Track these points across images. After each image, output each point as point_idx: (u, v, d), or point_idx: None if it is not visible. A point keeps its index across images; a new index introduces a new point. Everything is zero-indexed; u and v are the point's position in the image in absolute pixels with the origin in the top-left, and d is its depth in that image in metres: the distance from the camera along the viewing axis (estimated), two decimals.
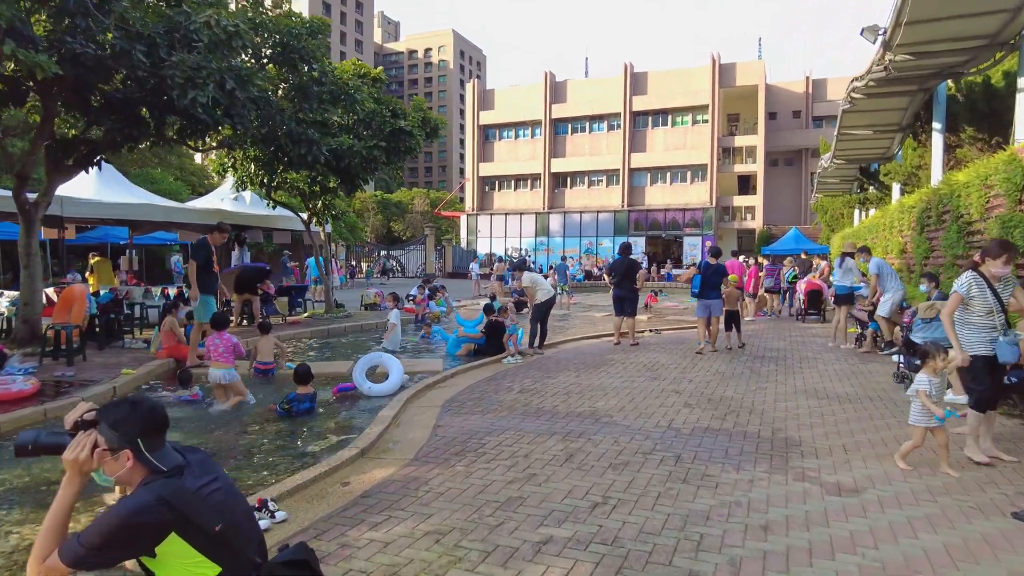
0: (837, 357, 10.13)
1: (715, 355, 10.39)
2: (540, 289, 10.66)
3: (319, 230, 15.41)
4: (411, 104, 14.63)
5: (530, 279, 10.60)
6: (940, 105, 13.96)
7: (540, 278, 10.77)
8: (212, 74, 7.12)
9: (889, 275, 10.25)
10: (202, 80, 6.99)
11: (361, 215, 61.26)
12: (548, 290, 10.80)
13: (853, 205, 27.44)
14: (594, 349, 11.14)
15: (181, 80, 6.95)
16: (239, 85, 7.84)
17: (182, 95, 7.05)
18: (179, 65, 6.90)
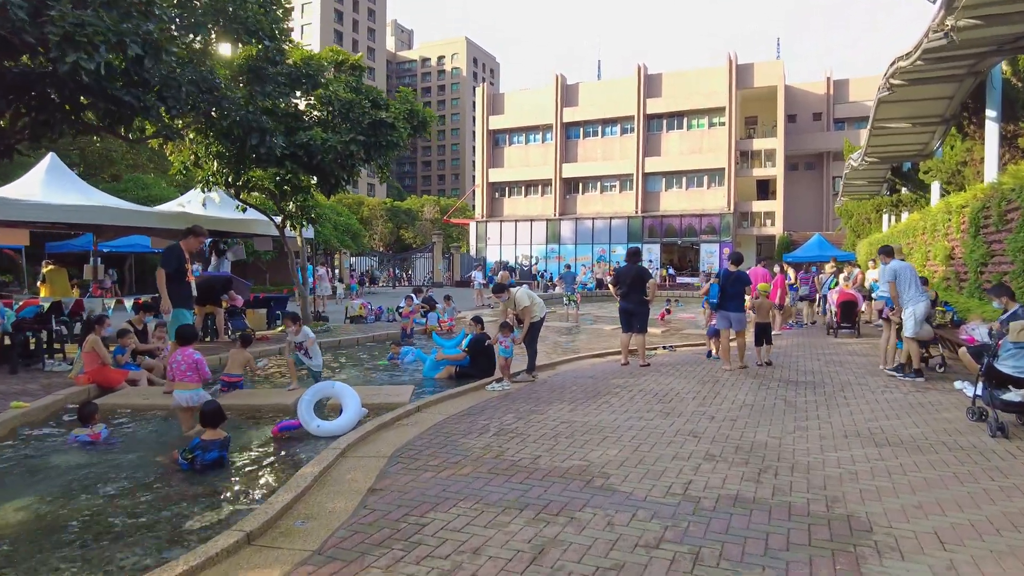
0: (886, 383, 8.48)
1: (740, 379, 8.79)
2: (536, 305, 9.14)
3: (295, 235, 14.02)
4: (396, 95, 13.19)
5: (526, 296, 9.06)
6: (995, 90, 12.31)
7: (533, 294, 9.23)
8: (102, 33, 5.71)
9: (910, 282, 8.62)
10: (86, 39, 5.59)
11: (369, 222, 60.16)
12: (543, 307, 9.28)
13: (882, 209, 25.67)
14: (597, 371, 9.58)
15: (57, 37, 5.54)
16: (150, 53, 6.42)
17: (60, 58, 5.64)
18: (56, 20, 5.50)
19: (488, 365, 9.17)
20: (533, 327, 9.01)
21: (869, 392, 7.89)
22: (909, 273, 8.70)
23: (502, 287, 9.08)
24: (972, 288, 11.39)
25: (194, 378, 6.52)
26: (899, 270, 8.86)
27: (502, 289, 9.02)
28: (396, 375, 9.73)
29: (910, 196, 20.44)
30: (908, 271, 8.77)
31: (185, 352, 6.61)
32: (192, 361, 6.54)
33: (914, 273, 8.78)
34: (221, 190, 13.03)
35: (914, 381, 8.73)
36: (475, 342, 9.25)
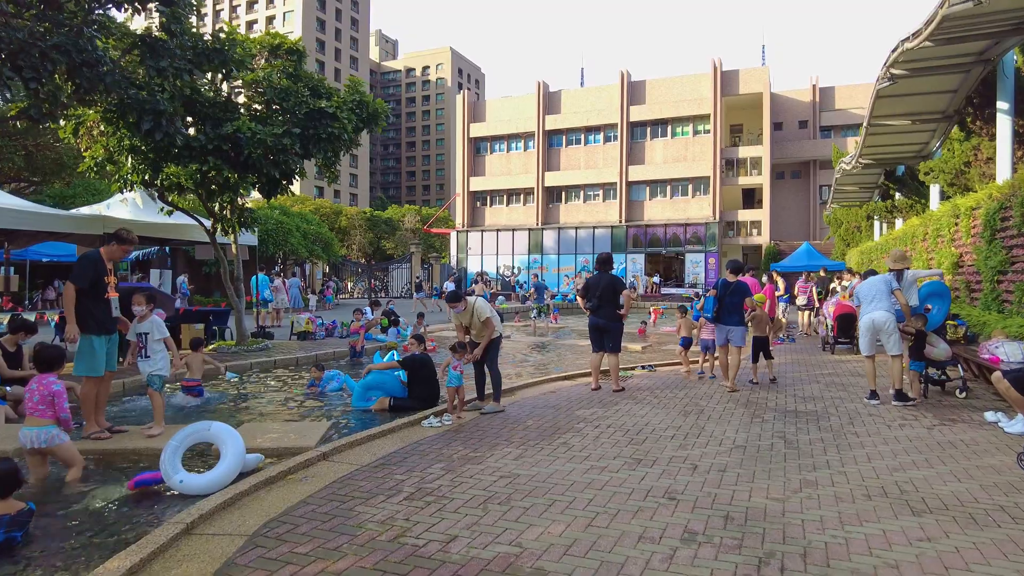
0: (902, 414, 7.11)
1: (729, 409, 7.39)
2: (497, 319, 7.72)
3: (231, 242, 12.51)
4: (344, 85, 11.76)
5: (487, 307, 7.63)
6: (1007, 79, 11.10)
7: (490, 306, 7.81)
8: None
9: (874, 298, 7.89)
10: None
11: (347, 232, 58.57)
12: (501, 323, 7.87)
13: (873, 216, 24.52)
14: (563, 399, 8.15)
15: None
16: None
17: None
18: None
19: (429, 394, 7.71)
20: (494, 344, 7.59)
21: (884, 426, 6.51)
22: (871, 291, 7.99)
23: (457, 296, 7.62)
24: (988, 299, 10.11)
25: (46, 413, 5.06)
26: (862, 290, 8.12)
27: (457, 298, 7.56)
28: (327, 406, 8.21)
29: (905, 202, 19.29)
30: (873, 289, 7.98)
31: (43, 380, 5.15)
32: (48, 392, 5.08)
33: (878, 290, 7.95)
34: (142, 190, 11.51)
35: (907, 406, 7.51)
36: (410, 364, 7.78)
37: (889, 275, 7.87)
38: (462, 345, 7.27)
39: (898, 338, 7.64)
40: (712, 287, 9.32)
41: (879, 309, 7.76)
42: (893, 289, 7.69)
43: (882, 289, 7.79)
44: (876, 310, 7.78)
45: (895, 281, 7.73)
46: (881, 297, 7.77)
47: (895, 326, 7.66)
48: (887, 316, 7.72)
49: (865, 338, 8.00)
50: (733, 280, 8.94)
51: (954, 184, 13.86)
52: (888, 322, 7.70)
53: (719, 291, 8.89)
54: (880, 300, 7.78)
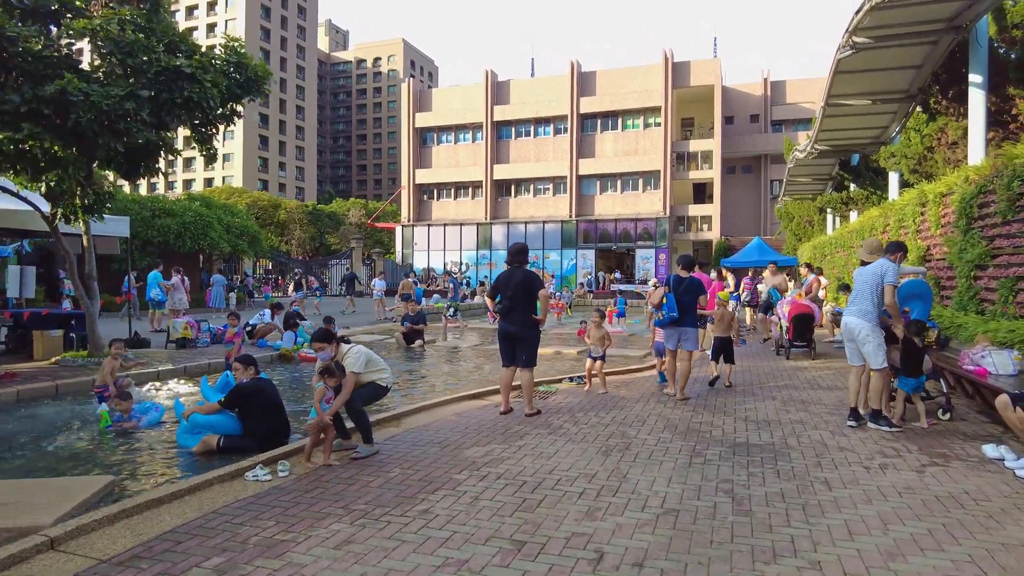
0: (880, 447, 5.59)
1: (663, 442, 5.77)
2: (378, 371, 5.81)
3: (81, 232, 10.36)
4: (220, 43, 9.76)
5: (363, 360, 5.61)
6: (980, 49, 9.82)
7: (375, 357, 5.85)
8: None
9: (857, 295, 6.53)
10: None
11: (286, 226, 55.75)
12: (389, 373, 5.95)
13: (826, 208, 23.51)
14: (458, 430, 6.41)
15: None
16: None
17: None
18: None
19: (269, 430, 5.86)
20: (366, 390, 5.68)
21: (862, 469, 4.96)
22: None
23: (328, 335, 5.71)
24: (963, 298, 8.77)
25: None
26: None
27: (327, 338, 5.65)
28: (135, 447, 6.23)
29: (861, 193, 18.22)
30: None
31: None
32: None
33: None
34: None
35: (884, 432, 6.10)
36: (235, 398, 5.92)
37: (885, 264, 6.22)
38: (330, 371, 5.44)
39: (875, 347, 6.15)
40: (664, 283, 8.19)
41: (852, 311, 6.28)
42: (885, 284, 6.10)
43: (868, 283, 6.25)
44: (850, 312, 6.30)
45: (891, 274, 6.10)
46: (863, 295, 6.26)
47: (870, 333, 6.18)
48: (859, 323, 6.23)
49: (847, 345, 6.56)
50: (686, 276, 7.95)
51: (916, 171, 12.64)
52: (861, 329, 6.22)
53: (672, 288, 7.86)
54: (861, 298, 6.28)
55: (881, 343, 6.17)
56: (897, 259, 6.29)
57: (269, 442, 5.71)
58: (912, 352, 6.06)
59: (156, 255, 26.65)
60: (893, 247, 6.41)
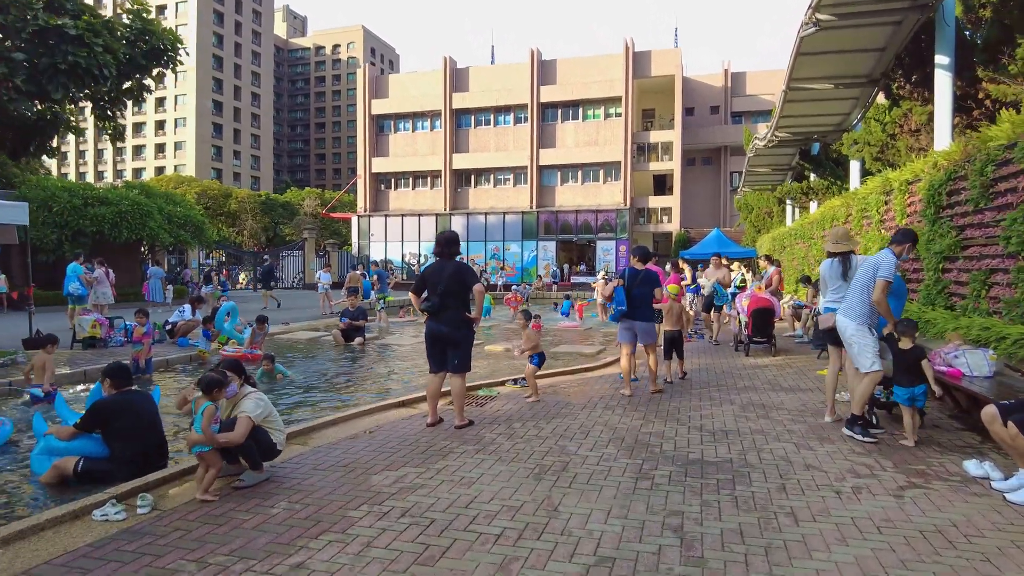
0: (851, 463, 4.92)
1: (608, 456, 4.99)
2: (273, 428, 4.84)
3: None
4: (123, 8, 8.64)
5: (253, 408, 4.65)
6: (947, 28, 9.30)
7: (276, 414, 4.85)
8: None
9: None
10: None
11: (238, 217, 53.76)
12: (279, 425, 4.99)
13: (785, 199, 23.20)
14: (371, 447, 5.54)
15: None
16: None
17: None
18: None
19: (136, 453, 4.90)
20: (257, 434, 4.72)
21: (832, 494, 4.26)
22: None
23: (238, 368, 4.80)
24: (931, 292, 8.24)
25: None
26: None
27: (237, 370, 4.72)
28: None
29: (821, 183, 17.84)
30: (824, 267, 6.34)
31: None
32: None
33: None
34: None
35: (856, 440, 5.53)
36: (96, 415, 4.96)
37: (886, 256, 5.51)
38: (217, 382, 4.51)
39: (860, 348, 5.50)
40: (619, 276, 7.73)
41: (840, 308, 5.68)
42: (878, 277, 5.38)
43: (861, 277, 5.59)
44: (840, 311, 5.68)
45: (886, 267, 5.36)
46: (854, 290, 5.62)
47: (855, 333, 5.53)
48: (844, 322, 5.62)
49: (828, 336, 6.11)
50: (642, 268, 7.60)
51: (879, 159, 12.16)
52: (846, 328, 5.61)
53: (627, 281, 7.53)
54: (851, 294, 5.65)
55: (868, 343, 5.50)
56: (903, 251, 5.54)
57: (140, 468, 4.76)
58: (902, 357, 5.39)
59: (89, 246, 25.01)
60: (900, 237, 5.60)
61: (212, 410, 4.46)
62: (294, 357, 11.37)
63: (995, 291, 6.65)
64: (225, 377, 4.66)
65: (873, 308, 5.49)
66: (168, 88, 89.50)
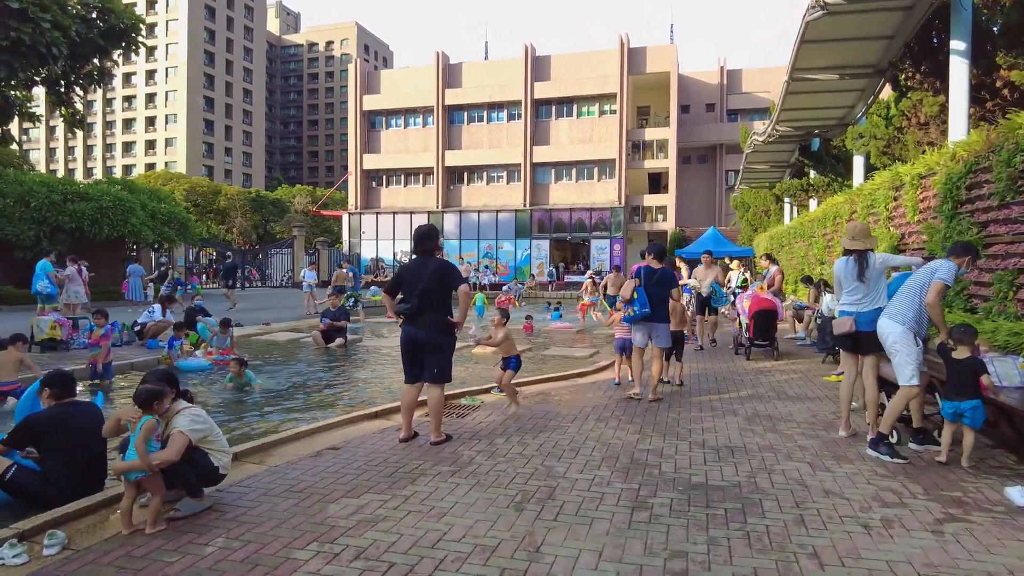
0: (877, 488, 4.33)
1: (601, 480, 4.40)
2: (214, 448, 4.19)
3: None
4: None
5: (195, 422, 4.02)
6: (964, 12, 8.73)
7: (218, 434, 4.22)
8: None
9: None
10: None
11: (227, 214, 52.95)
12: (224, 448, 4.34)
13: (783, 197, 22.64)
14: (335, 468, 4.93)
15: None
16: None
17: None
18: None
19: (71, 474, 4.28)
20: (195, 457, 4.09)
21: (860, 528, 3.67)
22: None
23: (170, 378, 4.19)
24: (949, 294, 7.65)
25: None
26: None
27: (151, 398, 4.08)
28: None
29: (821, 180, 17.31)
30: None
31: None
32: None
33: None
34: None
35: (884, 460, 4.94)
36: (23, 431, 4.34)
37: (946, 263, 5.01)
38: (171, 379, 3.93)
39: (904, 358, 4.94)
40: (635, 276, 7.36)
41: (887, 313, 5.11)
42: (935, 279, 4.90)
43: (916, 282, 5.07)
44: (884, 314, 5.14)
45: (944, 271, 4.90)
46: (905, 294, 5.09)
47: (899, 339, 4.97)
48: (889, 326, 5.05)
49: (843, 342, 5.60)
50: (658, 268, 7.32)
51: (885, 153, 11.61)
52: (890, 333, 5.05)
53: (643, 280, 7.20)
54: (901, 298, 5.10)
55: (913, 353, 4.93)
56: (963, 264, 5.07)
57: (76, 492, 4.14)
58: (955, 367, 4.82)
59: (68, 243, 24.28)
60: (960, 250, 5.11)
61: (153, 424, 3.85)
62: (269, 360, 10.73)
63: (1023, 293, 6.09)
64: (164, 388, 4.05)
65: (922, 316, 4.95)
66: (159, 84, 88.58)
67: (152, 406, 3.89)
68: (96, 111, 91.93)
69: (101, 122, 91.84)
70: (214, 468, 4.10)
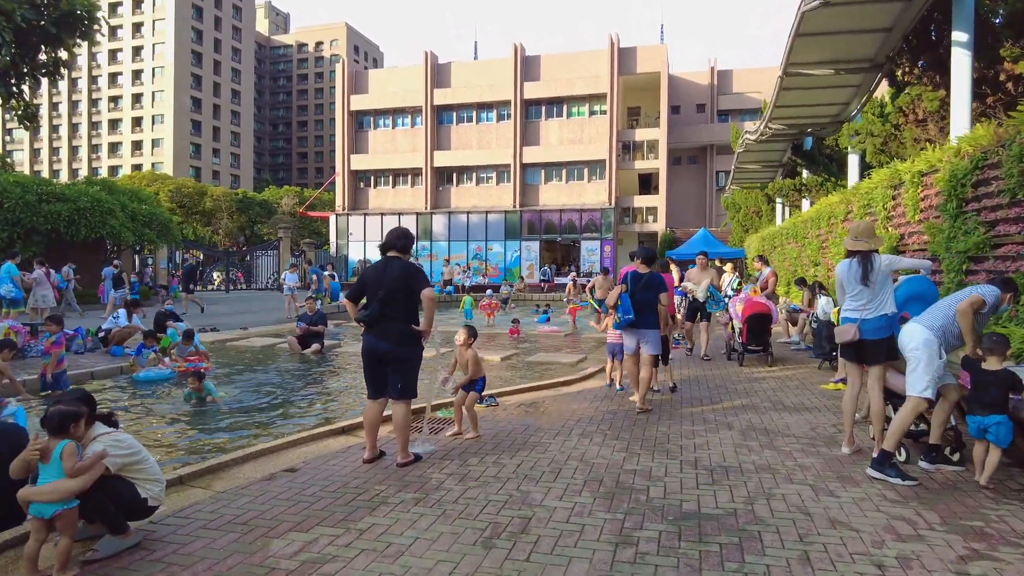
0: (887, 515, 3.89)
1: (582, 508, 3.93)
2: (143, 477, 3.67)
3: None
4: None
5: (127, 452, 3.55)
6: (966, 2, 8.30)
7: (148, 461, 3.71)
8: None
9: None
10: None
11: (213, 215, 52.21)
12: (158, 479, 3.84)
13: (775, 197, 22.30)
14: (291, 489, 4.45)
15: None
16: None
17: None
18: None
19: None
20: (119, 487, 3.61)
21: (871, 567, 3.23)
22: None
23: (90, 399, 3.71)
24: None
25: None
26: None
27: (87, 401, 3.61)
28: None
29: (814, 180, 16.94)
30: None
31: None
32: None
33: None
34: None
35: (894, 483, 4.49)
36: None
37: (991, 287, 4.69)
38: (88, 400, 3.46)
39: (925, 366, 4.51)
40: (622, 281, 7.18)
41: (916, 319, 4.74)
42: (973, 294, 4.61)
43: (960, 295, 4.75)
44: (916, 320, 4.76)
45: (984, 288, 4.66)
46: (942, 307, 4.77)
47: (921, 346, 4.56)
48: (917, 330, 4.66)
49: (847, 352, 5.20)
50: (645, 272, 7.09)
51: (882, 151, 11.22)
52: (913, 338, 4.65)
53: (629, 285, 7.02)
54: (938, 308, 4.78)
55: (934, 363, 4.52)
56: (1005, 300, 4.74)
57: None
58: (984, 379, 4.41)
59: (44, 245, 23.60)
60: (1001, 285, 4.78)
61: (72, 448, 3.35)
62: (239, 368, 10.21)
63: None
64: (80, 408, 3.56)
65: (952, 328, 4.58)
66: (145, 84, 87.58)
67: (68, 430, 3.40)
68: (82, 112, 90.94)
69: (87, 123, 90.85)
70: (141, 500, 3.61)
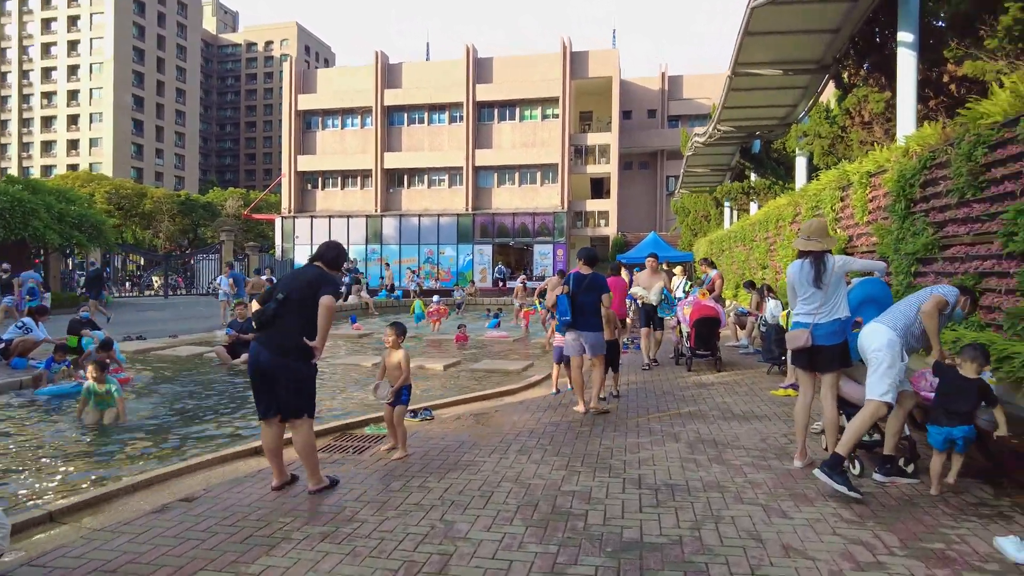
0: (843, 538, 3.55)
1: (512, 539, 3.46)
2: None
3: None
4: None
5: None
6: (911, 1, 8.21)
7: None
8: None
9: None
10: None
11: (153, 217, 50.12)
12: None
13: (723, 201, 22.39)
14: (179, 524, 3.86)
15: None
16: None
17: None
18: None
19: None
20: None
21: None
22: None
23: None
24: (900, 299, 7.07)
25: None
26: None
27: None
28: None
29: (762, 183, 16.98)
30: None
31: None
32: None
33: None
34: None
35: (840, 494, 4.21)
36: None
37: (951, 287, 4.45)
38: None
39: (886, 369, 4.25)
40: (564, 282, 7.02)
41: (877, 319, 4.45)
42: (933, 293, 4.42)
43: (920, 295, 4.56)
44: (877, 321, 4.49)
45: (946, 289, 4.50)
46: (904, 308, 4.52)
47: (884, 347, 4.30)
48: (878, 330, 4.40)
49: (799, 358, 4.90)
50: (588, 273, 6.89)
51: (830, 153, 11.17)
52: (875, 339, 4.38)
53: (572, 287, 6.85)
54: (899, 308, 4.54)
55: (896, 367, 4.25)
56: (962, 303, 4.55)
57: None
58: (959, 387, 4.13)
59: None
60: (960, 289, 4.66)
61: None
62: (157, 379, 9.43)
63: (989, 299, 5.48)
64: None
65: (915, 330, 4.32)
66: (82, 80, 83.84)
67: None
68: (11, 107, 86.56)
69: (16, 119, 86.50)
70: None
